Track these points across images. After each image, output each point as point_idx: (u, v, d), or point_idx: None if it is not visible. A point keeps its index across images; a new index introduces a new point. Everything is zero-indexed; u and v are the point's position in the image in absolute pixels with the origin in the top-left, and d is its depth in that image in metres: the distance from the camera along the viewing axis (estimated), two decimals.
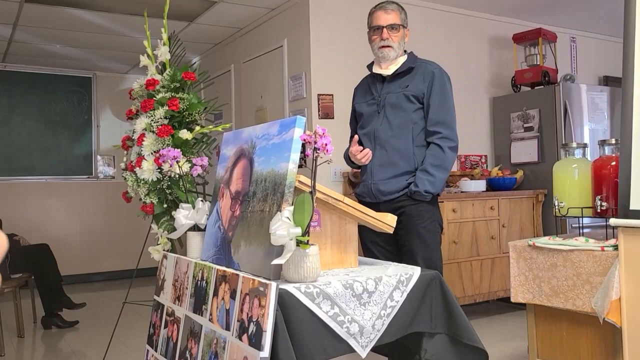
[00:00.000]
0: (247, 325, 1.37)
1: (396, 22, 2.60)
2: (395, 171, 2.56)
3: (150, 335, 2.03)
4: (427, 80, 2.58)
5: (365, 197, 2.63)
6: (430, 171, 2.51)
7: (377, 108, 2.64)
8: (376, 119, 2.63)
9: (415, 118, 2.57)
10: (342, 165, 4.28)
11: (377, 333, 1.49)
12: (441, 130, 2.55)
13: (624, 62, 1.99)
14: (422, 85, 2.58)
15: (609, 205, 2.14)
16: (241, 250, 1.64)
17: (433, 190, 2.51)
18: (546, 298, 2.21)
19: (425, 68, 2.62)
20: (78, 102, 6.72)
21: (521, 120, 4.70)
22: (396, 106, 2.59)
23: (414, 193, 2.50)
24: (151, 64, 2.75)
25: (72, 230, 6.57)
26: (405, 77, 2.62)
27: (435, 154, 2.53)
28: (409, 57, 2.66)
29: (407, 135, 2.57)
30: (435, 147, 2.54)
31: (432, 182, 2.50)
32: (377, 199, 2.58)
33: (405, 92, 2.58)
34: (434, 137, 2.55)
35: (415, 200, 2.52)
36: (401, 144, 2.57)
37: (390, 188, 2.56)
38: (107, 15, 4.79)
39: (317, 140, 1.45)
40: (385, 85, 2.64)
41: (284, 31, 4.67)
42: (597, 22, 5.51)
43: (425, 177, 2.50)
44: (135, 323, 4.17)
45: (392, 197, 2.56)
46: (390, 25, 2.59)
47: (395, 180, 2.55)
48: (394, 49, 2.59)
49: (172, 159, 2.11)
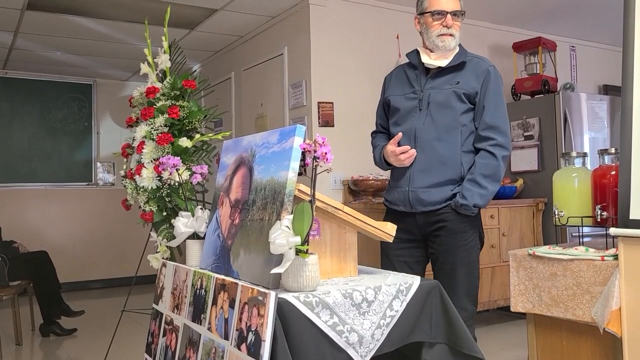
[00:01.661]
0: (245, 335, 1.37)
1: (458, 8, 2.32)
2: (438, 178, 2.27)
3: (148, 344, 2.02)
4: (481, 78, 2.30)
5: (398, 205, 2.36)
6: (481, 182, 2.23)
7: (418, 104, 2.33)
8: (417, 117, 2.33)
9: (464, 120, 2.29)
10: (342, 173, 4.29)
11: (376, 343, 1.48)
12: (495, 137, 2.26)
13: (624, 71, 1.99)
14: (475, 83, 2.29)
15: (609, 215, 2.13)
16: (240, 259, 1.63)
17: (482, 204, 2.25)
18: (546, 307, 2.20)
19: (478, 64, 2.34)
20: (78, 109, 6.73)
21: (521, 129, 4.70)
22: (444, 104, 2.29)
23: (461, 206, 2.23)
24: (151, 72, 2.76)
25: (71, 237, 6.56)
26: (455, 73, 2.33)
27: (488, 162, 2.25)
28: (461, 50, 2.37)
29: (454, 139, 2.28)
30: (488, 154, 2.26)
31: (482, 195, 2.23)
32: (414, 209, 2.31)
33: (455, 89, 2.28)
34: (486, 143, 2.27)
35: (459, 214, 2.26)
36: (447, 148, 2.28)
37: (432, 198, 2.27)
38: (108, 23, 4.81)
39: (317, 149, 1.45)
40: (430, 80, 2.35)
41: (285, 39, 4.68)
42: (596, 31, 5.52)
43: (476, 189, 2.22)
44: (134, 331, 4.16)
45: (433, 208, 2.28)
46: (454, 12, 2.31)
47: (438, 189, 2.27)
48: (455, 39, 2.32)
49: (171, 167, 2.11)
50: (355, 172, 4.23)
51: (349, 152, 4.21)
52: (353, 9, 4.48)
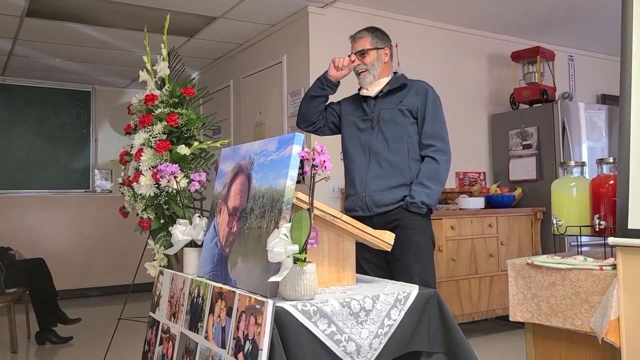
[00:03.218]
0: (243, 344, 1.36)
1: (365, 47, 2.72)
2: (391, 183, 2.59)
3: (145, 352, 2.01)
4: (420, 95, 2.65)
5: (357, 210, 2.64)
6: (426, 183, 2.55)
7: (370, 123, 2.69)
8: (370, 133, 2.68)
9: (410, 132, 2.64)
10: (340, 182, 4.27)
11: (374, 352, 1.47)
12: (435, 143, 2.61)
13: (621, 81, 1.99)
14: (416, 100, 2.65)
15: (607, 224, 2.13)
16: (238, 267, 1.63)
17: (429, 202, 2.55)
18: (545, 317, 2.20)
19: (418, 85, 2.70)
20: (77, 116, 6.73)
21: (520, 138, 4.71)
22: (391, 121, 2.64)
23: (410, 204, 2.53)
24: (150, 79, 2.76)
25: (68, 244, 6.54)
26: (398, 94, 2.69)
27: (430, 166, 2.58)
28: (399, 77, 2.74)
29: (402, 149, 2.62)
30: (430, 160, 2.60)
31: (428, 194, 2.54)
32: (371, 211, 2.60)
33: (399, 107, 2.65)
34: (428, 150, 2.61)
35: (411, 212, 2.55)
36: (397, 157, 2.61)
37: (386, 200, 2.58)
38: (107, 30, 4.81)
39: (316, 157, 1.45)
40: (378, 102, 2.71)
41: (284, 47, 4.69)
42: (594, 41, 5.55)
43: (422, 189, 2.54)
44: (130, 339, 4.13)
45: (388, 209, 2.58)
46: (358, 52, 2.73)
47: (391, 191, 2.58)
48: (369, 72, 2.70)
49: (169, 175, 2.10)
50: None
51: None
52: (352, 18, 4.49)
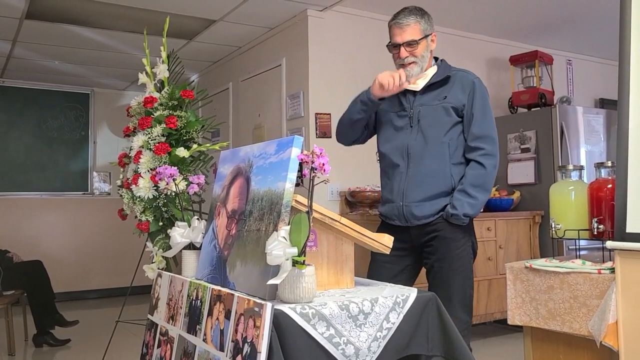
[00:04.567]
0: (241, 346, 1.36)
1: (414, 37, 2.34)
2: (430, 192, 2.33)
3: (143, 355, 2.00)
4: (467, 90, 2.35)
5: (393, 219, 2.40)
6: (470, 192, 2.28)
7: (409, 121, 2.38)
8: (408, 133, 2.38)
9: (452, 133, 2.35)
10: (339, 184, 4.28)
11: (372, 355, 1.47)
12: (484, 146, 2.32)
13: (620, 85, 2.00)
14: (462, 95, 2.34)
15: (605, 228, 2.13)
16: (237, 270, 1.63)
17: (472, 213, 2.30)
18: (543, 321, 2.20)
19: (463, 77, 2.38)
20: (75, 118, 6.73)
21: (518, 142, 4.71)
22: (433, 120, 2.34)
23: (452, 216, 2.28)
24: (149, 82, 2.76)
25: (66, 247, 6.53)
26: (441, 88, 2.38)
27: (477, 172, 2.31)
28: (442, 66, 2.42)
29: (444, 153, 2.34)
30: (477, 165, 2.31)
31: (472, 205, 2.28)
32: (409, 223, 2.36)
33: (444, 103, 2.34)
34: (475, 153, 2.33)
35: (451, 223, 2.31)
36: (438, 162, 2.34)
37: (425, 212, 2.32)
38: (106, 33, 4.82)
39: (315, 160, 1.45)
40: (418, 97, 2.39)
41: (283, 50, 4.70)
42: (593, 45, 5.56)
43: (465, 199, 2.28)
44: (128, 342, 4.12)
45: (427, 221, 2.33)
46: (407, 42, 2.34)
47: (431, 202, 2.32)
48: (417, 64, 2.36)
49: (168, 177, 2.10)
50: (353, 183, 4.23)
51: (346, 164, 4.21)
52: (351, 21, 4.50)
